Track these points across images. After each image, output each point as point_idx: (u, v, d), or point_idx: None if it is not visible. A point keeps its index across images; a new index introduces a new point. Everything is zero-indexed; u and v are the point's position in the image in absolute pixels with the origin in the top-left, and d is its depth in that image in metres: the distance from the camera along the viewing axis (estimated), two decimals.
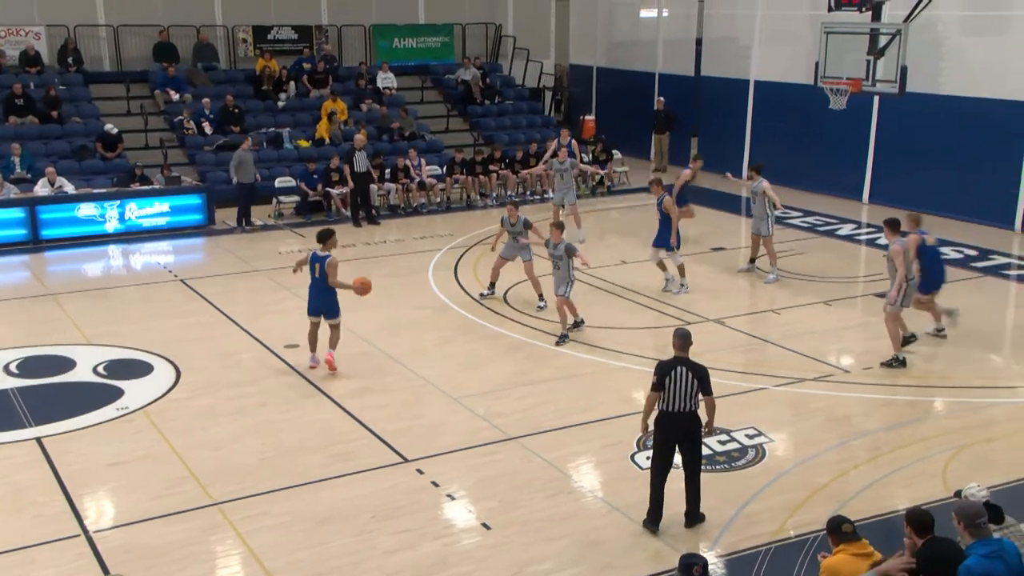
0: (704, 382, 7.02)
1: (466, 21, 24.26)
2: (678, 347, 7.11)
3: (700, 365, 7.08)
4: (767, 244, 13.47)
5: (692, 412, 7.05)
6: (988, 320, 12.11)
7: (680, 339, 7.13)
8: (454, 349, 11.11)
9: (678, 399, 6.99)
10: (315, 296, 10.42)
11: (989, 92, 16.15)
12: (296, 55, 21.99)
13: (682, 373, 6.98)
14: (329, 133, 19.88)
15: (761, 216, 13.41)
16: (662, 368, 7.05)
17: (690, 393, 6.98)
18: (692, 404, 7.02)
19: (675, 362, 7.05)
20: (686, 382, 6.96)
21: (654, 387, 7.06)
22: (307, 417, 9.28)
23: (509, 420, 9.12)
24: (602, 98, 25.26)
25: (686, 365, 7.02)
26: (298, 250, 15.65)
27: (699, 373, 7.01)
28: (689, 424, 7.06)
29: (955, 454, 8.34)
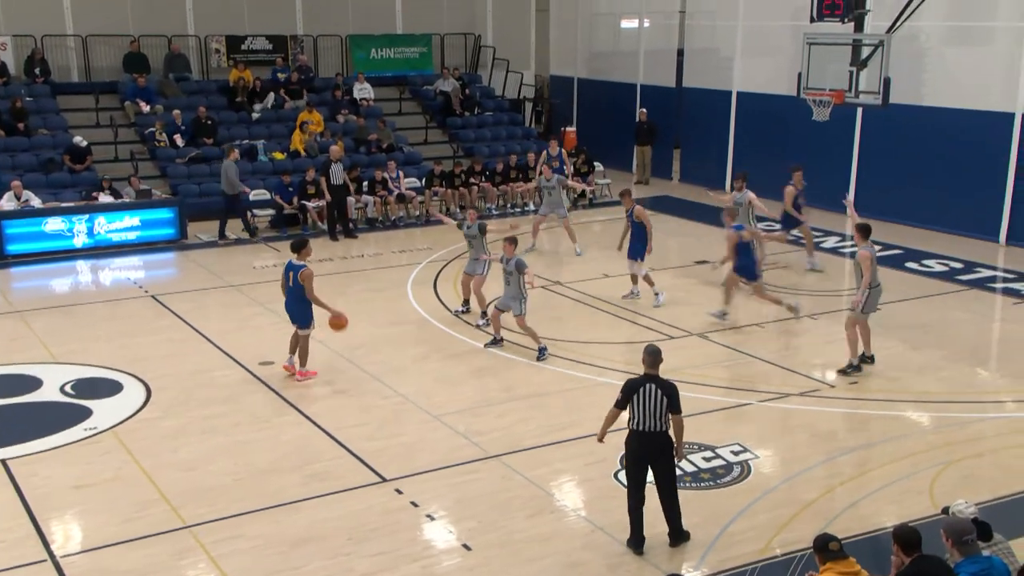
0: (673, 400, 6.98)
1: (444, 31, 24.35)
2: (648, 364, 7.09)
3: (670, 383, 7.05)
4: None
5: (662, 432, 7.01)
6: (974, 333, 12.23)
7: (650, 356, 7.10)
8: (434, 365, 11.08)
9: (647, 418, 6.96)
10: (289, 303, 10.59)
11: (973, 103, 16.38)
12: (271, 66, 21.97)
13: (651, 391, 6.95)
14: (304, 145, 19.84)
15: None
16: (630, 386, 7.03)
17: (659, 412, 6.95)
18: (662, 424, 6.99)
19: (644, 380, 7.03)
20: (655, 400, 6.93)
21: (617, 403, 7.06)
22: (282, 436, 9.22)
23: (489, 438, 9.09)
24: (583, 110, 25.39)
25: (655, 383, 6.99)
26: (273, 264, 15.59)
27: (668, 391, 6.97)
28: (659, 444, 7.03)
29: (942, 470, 8.39)
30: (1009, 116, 15.81)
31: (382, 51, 23.63)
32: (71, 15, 20.71)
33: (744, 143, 20.89)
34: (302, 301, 10.39)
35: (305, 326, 10.51)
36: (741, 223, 13.49)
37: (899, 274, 14.61)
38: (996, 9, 16.71)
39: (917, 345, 11.60)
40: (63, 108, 19.88)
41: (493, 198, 19.45)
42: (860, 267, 10.39)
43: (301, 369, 10.57)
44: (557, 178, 16.39)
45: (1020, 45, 15.56)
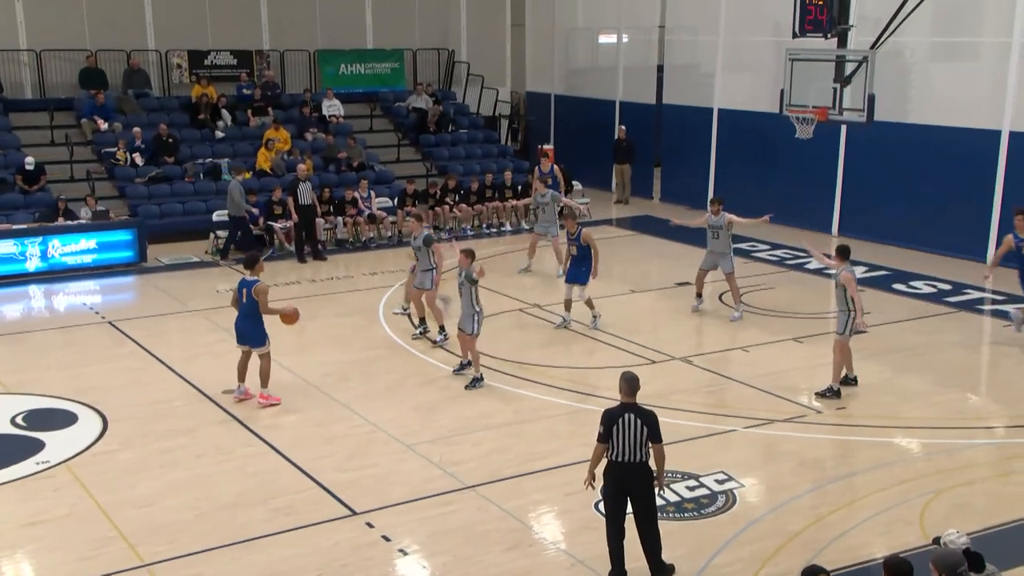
0: (653, 429, 6.91)
1: (417, 46, 24.48)
2: (625, 392, 7.03)
3: (649, 411, 7.01)
4: (731, 281, 13.62)
5: (642, 463, 6.95)
6: (963, 357, 12.37)
7: (627, 383, 7.04)
8: (407, 392, 11.05)
9: (627, 449, 6.90)
10: (240, 323, 10.54)
11: (959, 121, 16.64)
12: (235, 81, 21.96)
13: (630, 421, 6.89)
14: (271, 164, 19.82)
15: (725, 251, 13.56)
16: (609, 416, 6.97)
17: (639, 442, 6.88)
18: (642, 454, 6.92)
19: (622, 409, 6.97)
20: (635, 430, 6.87)
21: (600, 438, 6.97)
22: (246, 468, 9.14)
23: (465, 468, 9.06)
24: (561, 127, 25.57)
25: (634, 412, 6.93)
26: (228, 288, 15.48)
27: (648, 420, 6.91)
28: (639, 475, 6.96)
29: (932, 499, 8.46)
30: (996, 133, 16.09)
31: (352, 66, 23.71)
32: (24, 29, 20.61)
33: (726, 161, 21.11)
34: (255, 318, 10.42)
35: (260, 344, 10.50)
36: (720, 248, 13.57)
37: (886, 296, 14.78)
38: (982, 25, 17.03)
39: (905, 369, 11.73)
40: (16, 126, 19.73)
41: (468, 218, 19.50)
42: (844, 289, 10.55)
43: (263, 392, 10.50)
44: (552, 194, 16.44)
45: (1006, 61, 15.87)
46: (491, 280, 14.85)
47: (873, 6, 15.62)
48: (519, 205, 19.34)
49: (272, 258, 17.19)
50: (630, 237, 17.77)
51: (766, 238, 18.51)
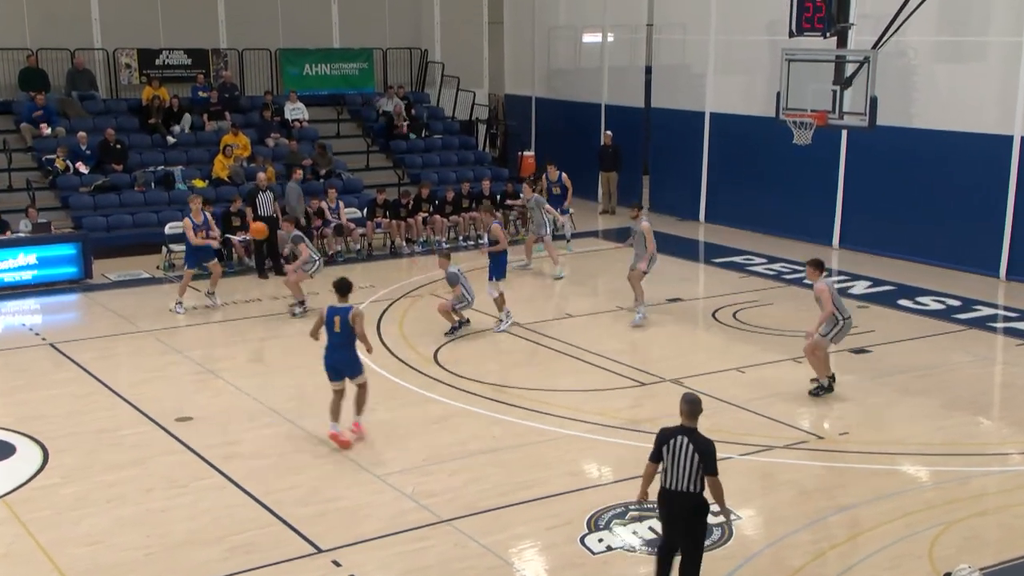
0: (707, 459, 6.85)
1: (388, 46, 24.55)
2: (685, 414, 7.00)
3: (706, 440, 6.93)
4: (635, 278, 14.14)
5: (692, 494, 6.86)
6: (974, 378, 12.47)
7: (688, 405, 7.01)
8: (377, 418, 11.00)
9: (675, 476, 6.88)
10: (334, 356, 10.20)
11: (967, 125, 16.85)
12: (190, 83, 21.91)
13: (682, 444, 6.86)
14: (229, 171, 19.77)
15: (641, 254, 14.17)
16: (661, 436, 7.00)
17: (690, 470, 6.82)
18: (693, 484, 6.84)
19: (677, 431, 6.95)
20: (685, 456, 6.83)
21: (651, 456, 7.06)
22: (201, 503, 9.07)
23: (441, 500, 9.03)
24: (542, 132, 25.68)
25: (688, 437, 6.89)
26: (192, 306, 15.42)
27: (702, 448, 6.85)
28: (685, 508, 6.89)
29: (942, 531, 8.50)
30: (1007, 139, 16.28)
31: (317, 67, 23.73)
32: None
33: (719, 169, 21.27)
34: (350, 347, 10.17)
35: (360, 372, 10.31)
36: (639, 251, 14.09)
37: (892, 312, 14.91)
38: (989, 23, 17.27)
39: (912, 391, 11.81)
40: None
41: (442, 230, 19.52)
42: (819, 303, 11.03)
43: (357, 420, 10.37)
44: (535, 199, 17.45)
45: (1017, 62, 16.07)
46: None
47: (875, 3, 15.81)
48: (516, 204, 19.67)
49: (229, 273, 17.13)
50: (617, 250, 17.84)
51: (763, 251, 18.65)
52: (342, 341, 10.11)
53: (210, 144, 20.70)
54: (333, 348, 10.17)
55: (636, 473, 9.47)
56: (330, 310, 10.17)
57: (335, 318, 10.09)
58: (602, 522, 8.58)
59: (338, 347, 10.14)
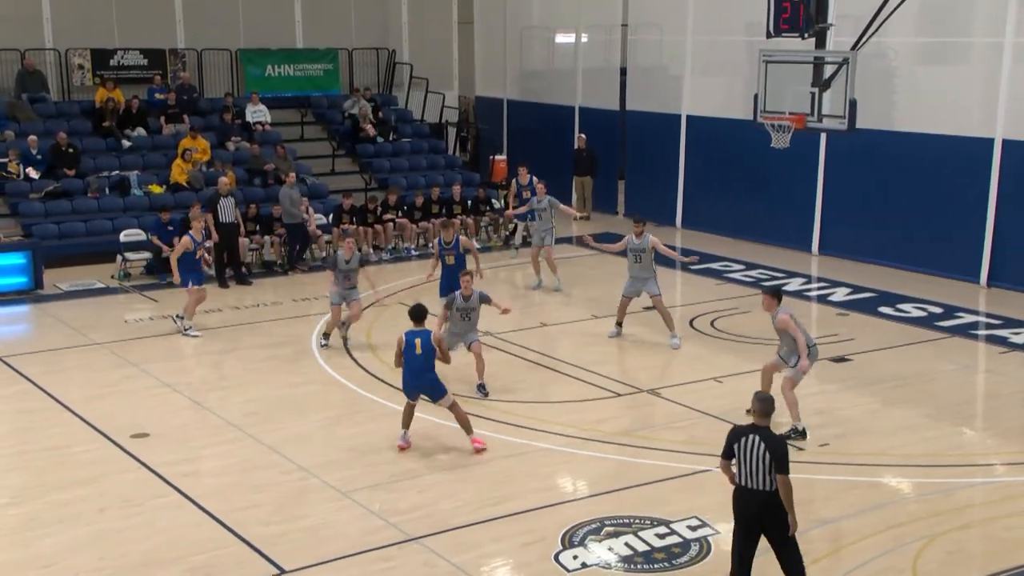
0: (778, 458, 7.12)
1: (353, 46, 24.50)
2: (758, 412, 7.28)
3: (778, 438, 7.26)
4: (660, 304, 13.69)
5: (767, 491, 7.14)
6: (957, 387, 12.60)
7: (760, 403, 7.30)
8: (344, 433, 10.96)
9: (749, 474, 7.18)
10: (416, 380, 10.33)
11: (948, 128, 17.03)
12: (146, 84, 21.77)
13: (753, 443, 7.14)
14: (188, 176, 19.64)
15: (648, 276, 13.72)
16: (732, 434, 7.30)
17: (764, 468, 7.11)
18: (767, 482, 7.13)
19: (748, 429, 7.23)
20: (757, 454, 7.11)
21: (723, 454, 7.34)
22: (158, 523, 8.98)
23: (410, 517, 8.99)
24: (514, 135, 25.71)
25: (760, 435, 7.16)
26: (149, 317, 15.29)
27: (773, 447, 7.14)
28: (764, 505, 7.16)
29: (926, 544, 8.56)
30: (988, 142, 16.48)
31: (280, 68, 23.64)
32: None
33: (696, 173, 21.39)
34: (432, 369, 10.35)
35: (445, 392, 10.37)
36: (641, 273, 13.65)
37: (872, 320, 15.03)
38: (972, 24, 17.47)
39: (894, 401, 11.91)
40: None
41: (411, 236, 19.48)
42: (786, 334, 10.57)
43: (475, 436, 10.41)
44: (549, 200, 16.89)
45: (998, 63, 16.28)
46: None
47: (854, 4, 15.95)
48: (510, 215, 19.40)
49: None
50: (592, 257, 17.90)
51: (741, 257, 18.76)
52: (426, 365, 10.32)
53: (167, 148, 20.55)
54: (416, 372, 10.32)
55: (612, 487, 9.58)
56: (409, 335, 10.32)
57: (415, 341, 10.26)
58: (577, 538, 8.57)
59: (422, 370, 10.33)
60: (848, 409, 11.37)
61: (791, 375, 10.64)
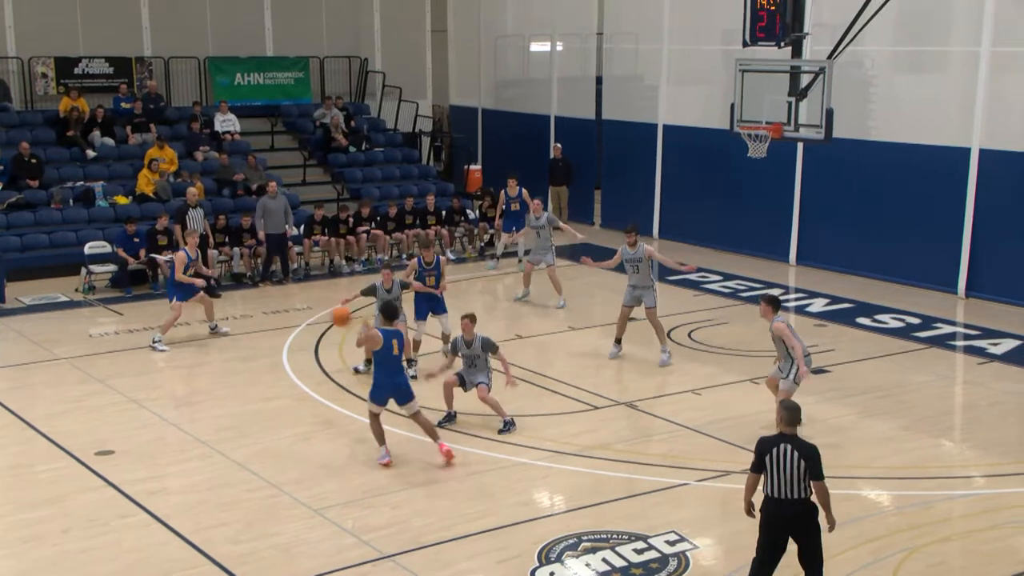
0: (813, 464, 7.23)
1: (325, 54, 24.48)
2: (785, 421, 7.36)
3: (809, 445, 7.33)
4: (653, 317, 13.63)
5: (803, 499, 7.24)
6: (936, 398, 12.70)
7: (788, 412, 7.37)
8: (316, 448, 10.90)
9: (782, 484, 7.22)
10: (392, 380, 10.27)
11: (925, 138, 17.19)
12: (112, 93, 21.65)
13: (785, 452, 7.21)
14: (155, 187, 19.53)
15: (648, 285, 13.64)
16: (762, 445, 7.33)
17: (797, 477, 7.19)
18: (801, 490, 7.22)
19: (778, 439, 7.30)
20: (791, 463, 7.18)
21: (753, 467, 7.35)
22: (124, 543, 8.89)
23: (384, 534, 8.95)
24: (489, 145, 25.75)
25: (791, 443, 7.24)
26: (115, 331, 15.17)
27: (807, 453, 7.24)
28: (797, 513, 7.25)
29: (906, 557, 8.61)
30: (965, 151, 16.66)
31: (249, 76, 23.58)
32: None
33: (673, 182, 21.49)
34: (404, 372, 10.38)
35: (413, 397, 10.34)
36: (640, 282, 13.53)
37: (849, 331, 15.14)
38: (948, 32, 17.68)
39: (872, 413, 11.99)
40: None
41: (385, 248, 19.44)
42: (782, 342, 10.75)
43: (444, 443, 10.39)
44: (548, 216, 16.70)
45: (975, 72, 16.48)
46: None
47: (830, 12, 16.15)
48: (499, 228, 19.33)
49: (156, 295, 16.89)
50: (568, 268, 17.92)
51: (718, 268, 18.84)
52: (401, 366, 10.29)
53: (134, 158, 20.43)
54: (393, 373, 10.25)
55: (590, 502, 9.58)
56: (386, 333, 10.17)
57: (393, 341, 10.14)
58: (553, 554, 8.56)
59: (398, 371, 10.28)
60: (827, 421, 11.44)
61: (786, 388, 10.74)
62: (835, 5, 15.88)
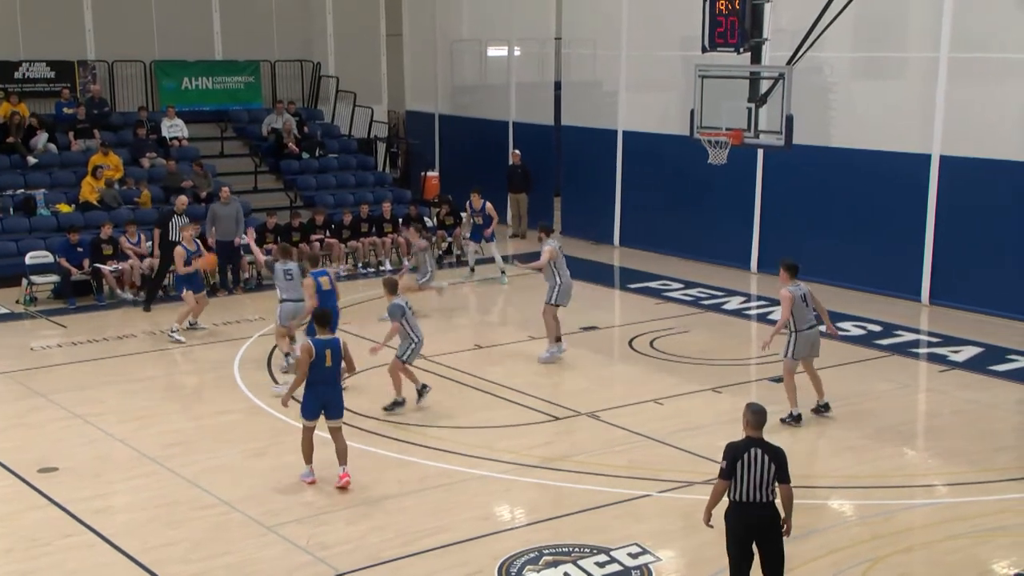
0: (782, 468, 7.35)
1: (276, 58, 24.37)
2: (752, 425, 7.43)
3: (778, 448, 7.43)
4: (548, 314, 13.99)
5: (768, 503, 7.36)
6: (898, 407, 12.87)
7: (755, 416, 7.45)
8: (268, 463, 10.83)
9: (751, 488, 7.30)
10: (328, 392, 10.12)
11: (885, 144, 17.42)
12: (54, 98, 21.40)
13: (756, 457, 7.30)
14: (100, 195, 19.31)
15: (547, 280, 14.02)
16: (733, 451, 7.36)
17: (766, 481, 7.31)
18: (767, 494, 7.33)
19: (748, 444, 7.37)
20: (761, 468, 7.28)
21: (723, 473, 7.36)
22: (69, 564, 8.79)
23: (339, 551, 8.92)
24: (447, 151, 25.76)
25: (760, 447, 7.35)
26: (57, 344, 14.99)
27: (777, 457, 7.35)
28: (764, 516, 7.37)
29: (869, 568, 8.70)
30: (925, 158, 16.92)
31: (197, 80, 23.41)
32: None
33: (633, 190, 21.63)
34: (339, 383, 10.20)
35: (343, 413, 10.26)
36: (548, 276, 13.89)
37: None
38: (907, 38, 17.97)
39: (834, 422, 12.12)
40: None
41: (340, 256, 19.38)
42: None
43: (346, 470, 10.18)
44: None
45: (934, 78, 16.76)
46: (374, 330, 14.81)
47: (789, 18, 16.35)
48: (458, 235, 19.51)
49: (100, 307, 16.72)
50: (527, 276, 17.97)
51: (680, 276, 18.98)
52: (335, 378, 10.13)
53: (77, 165, 20.19)
54: (331, 384, 10.11)
55: (551, 515, 9.61)
56: (318, 343, 10.02)
57: (327, 351, 9.99)
58: (514, 569, 8.58)
59: (332, 383, 10.12)
60: (788, 430, 11.56)
61: (788, 366, 11.48)
62: (794, 11, 16.09)
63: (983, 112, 16.63)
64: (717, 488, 7.50)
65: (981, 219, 16.38)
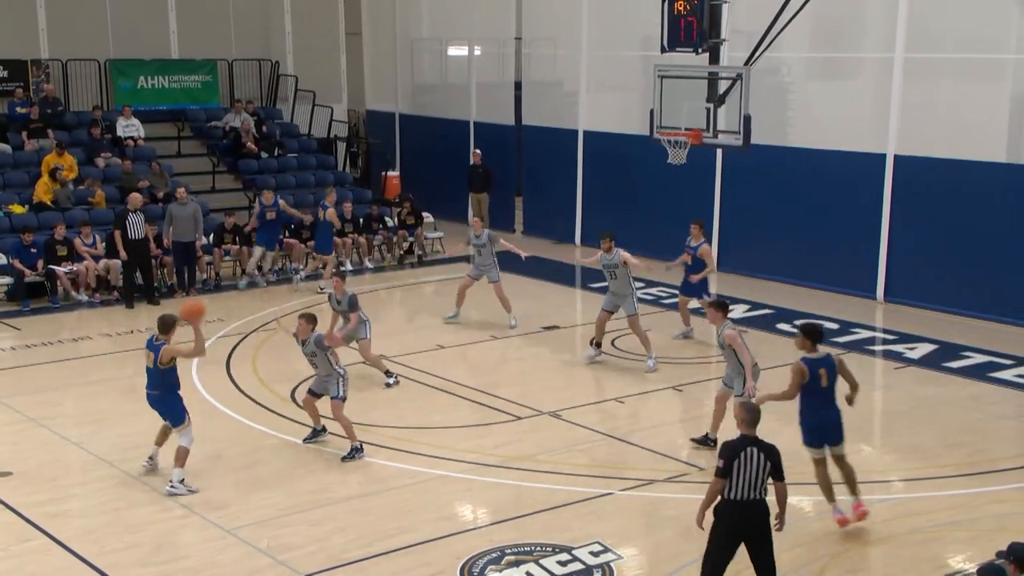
0: (777, 465, 7.47)
1: (233, 57, 24.18)
2: (748, 424, 7.48)
3: (772, 446, 7.50)
4: (635, 325, 13.88)
5: (761, 501, 7.42)
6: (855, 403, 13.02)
7: (750, 414, 7.52)
8: (227, 465, 10.76)
9: (746, 486, 7.36)
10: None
11: (841, 143, 17.67)
12: (6, 97, 21.10)
13: (753, 455, 7.37)
14: (54, 195, 19.06)
15: (626, 293, 13.87)
16: (730, 449, 7.40)
17: (760, 479, 7.38)
18: (762, 491, 7.40)
19: (743, 442, 7.44)
20: (757, 466, 7.35)
21: (720, 472, 7.37)
22: (24, 568, 8.70)
23: (300, 554, 8.89)
24: (407, 151, 25.70)
25: (757, 446, 7.43)
26: (11, 347, 14.78)
27: (772, 455, 7.45)
28: (758, 514, 7.43)
29: (828, 563, 8.83)
30: (880, 157, 17.15)
31: (153, 79, 23.17)
32: None
33: (594, 189, 21.71)
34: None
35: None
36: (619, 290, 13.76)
37: (769, 337, 15.44)
38: (862, 39, 18.22)
39: (791, 420, 12.17)
40: None
41: (300, 256, 19.27)
42: (732, 351, 10.79)
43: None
44: (489, 234, 16.10)
45: (888, 78, 16.98)
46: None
47: (747, 19, 16.50)
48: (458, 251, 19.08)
49: (54, 309, 16.52)
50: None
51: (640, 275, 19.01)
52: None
53: (30, 165, 19.92)
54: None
55: (513, 515, 9.63)
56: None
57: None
58: (476, 569, 8.59)
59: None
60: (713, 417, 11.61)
61: (724, 391, 10.94)
62: (751, 12, 16.24)
63: (937, 112, 16.89)
64: (713, 487, 7.52)
65: (935, 218, 16.62)
